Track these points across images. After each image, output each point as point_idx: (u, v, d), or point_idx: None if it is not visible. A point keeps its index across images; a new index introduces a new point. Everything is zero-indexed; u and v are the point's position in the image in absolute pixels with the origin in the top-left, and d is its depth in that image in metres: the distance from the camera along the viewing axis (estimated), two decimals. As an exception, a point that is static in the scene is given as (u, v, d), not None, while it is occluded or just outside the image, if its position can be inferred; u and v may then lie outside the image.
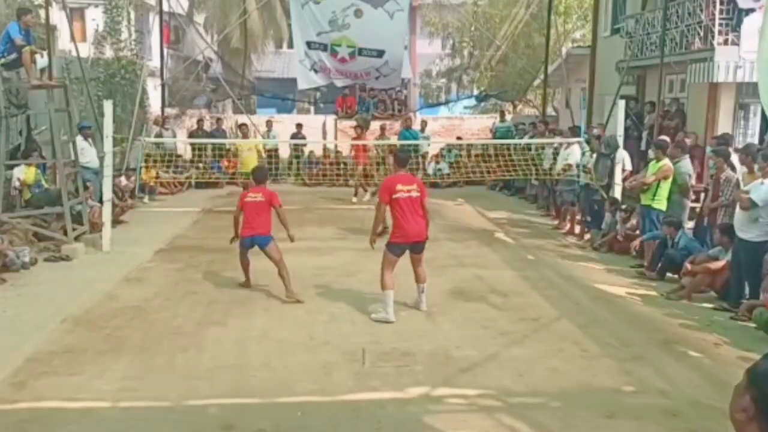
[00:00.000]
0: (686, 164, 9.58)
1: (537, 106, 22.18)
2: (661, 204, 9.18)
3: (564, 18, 22.38)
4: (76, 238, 10.16)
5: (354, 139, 16.28)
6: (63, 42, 19.75)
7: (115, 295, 8.01)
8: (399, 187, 7.12)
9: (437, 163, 17.94)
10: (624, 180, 10.84)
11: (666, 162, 9.16)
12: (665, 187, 9.15)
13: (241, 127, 16.39)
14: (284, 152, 18.38)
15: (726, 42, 11.52)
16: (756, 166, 7.80)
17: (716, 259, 7.99)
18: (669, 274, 8.78)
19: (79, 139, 11.89)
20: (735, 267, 7.63)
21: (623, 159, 10.99)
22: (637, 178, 10.17)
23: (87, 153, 12.16)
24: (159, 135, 16.62)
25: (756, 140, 11.55)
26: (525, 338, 6.68)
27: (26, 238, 9.98)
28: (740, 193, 7.71)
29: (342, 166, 16.31)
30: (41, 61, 10.39)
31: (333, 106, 20.84)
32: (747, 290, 7.55)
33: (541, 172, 12.93)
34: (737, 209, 7.60)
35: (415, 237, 7.13)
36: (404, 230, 7.10)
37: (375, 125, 18.85)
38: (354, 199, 14.88)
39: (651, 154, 10.14)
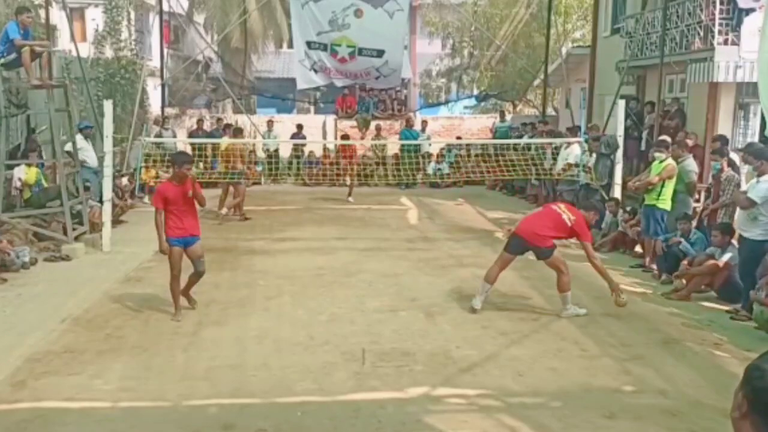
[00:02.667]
0: (691, 163, 9.58)
1: (537, 106, 22.17)
2: (665, 204, 9.17)
3: (564, 18, 22.37)
4: (76, 238, 10.17)
5: (343, 137, 16.33)
6: (63, 42, 19.74)
7: (115, 295, 8.01)
8: (561, 205, 7.59)
9: (438, 163, 17.95)
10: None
11: (670, 162, 9.16)
12: (670, 187, 9.15)
13: (233, 129, 16.21)
14: (284, 152, 18.40)
15: (726, 42, 11.51)
16: (749, 167, 7.80)
17: (713, 258, 8.00)
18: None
19: (79, 138, 11.89)
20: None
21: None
22: (641, 178, 10.16)
23: (87, 153, 12.16)
24: (159, 135, 16.62)
25: (756, 140, 11.54)
26: (525, 338, 6.68)
27: (26, 238, 9.98)
28: (738, 194, 7.71)
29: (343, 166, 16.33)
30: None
31: (333, 106, 20.84)
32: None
33: (542, 171, 12.94)
34: (738, 209, 7.61)
35: (523, 233, 7.26)
36: (518, 225, 7.39)
37: (374, 125, 18.89)
38: (350, 199, 14.89)
39: (652, 155, 10.12)
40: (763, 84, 7.68)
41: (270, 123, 18.66)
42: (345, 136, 17.56)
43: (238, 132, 14.36)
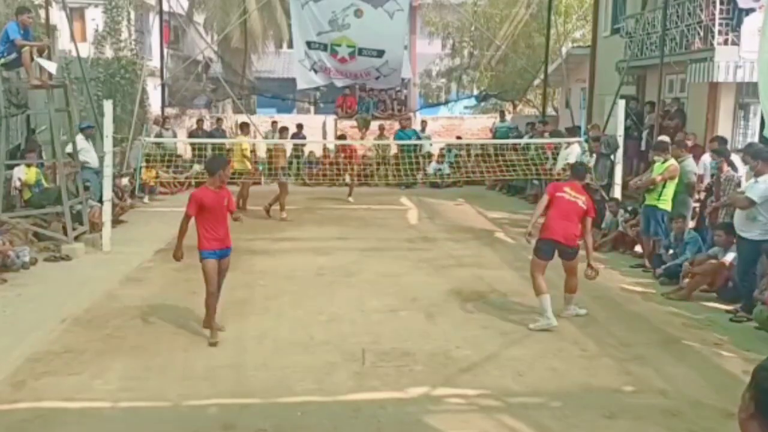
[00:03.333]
0: (691, 163, 9.59)
1: (537, 106, 22.17)
2: (666, 204, 9.18)
3: (564, 18, 22.38)
4: (76, 238, 10.17)
5: (340, 137, 16.35)
6: (63, 42, 19.74)
7: (115, 295, 8.01)
8: (566, 189, 7.19)
9: (438, 163, 17.95)
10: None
11: (672, 162, 9.16)
12: (671, 188, 9.15)
13: (240, 123, 16.26)
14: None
15: (726, 42, 11.52)
16: (746, 167, 7.81)
17: (716, 258, 8.00)
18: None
19: (79, 138, 11.89)
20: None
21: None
22: (642, 178, 10.16)
23: (87, 153, 12.15)
24: (159, 135, 16.61)
25: (756, 140, 11.55)
26: (525, 338, 6.68)
27: (26, 238, 9.98)
28: (736, 194, 7.71)
29: (342, 166, 16.33)
30: (50, 64, 10.36)
31: (333, 106, 20.83)
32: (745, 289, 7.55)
33: (542, 172, 12.93)
34: (737, 209, 7.61)
35: (561, 237, 7.02)
36: (551, 229, 7.08)
37: (374, 125, 18.89)
38: (350, 199, 14.89)
39: (652, 157, 10.13)
40: (763, 84, 7.69)
41: (275, 124, 18.52)
42: (342, 136, 17.51)
43: (244, 126, 14.40)
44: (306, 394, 5.37)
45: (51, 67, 10.34)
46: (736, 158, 9.49)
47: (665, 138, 10.70)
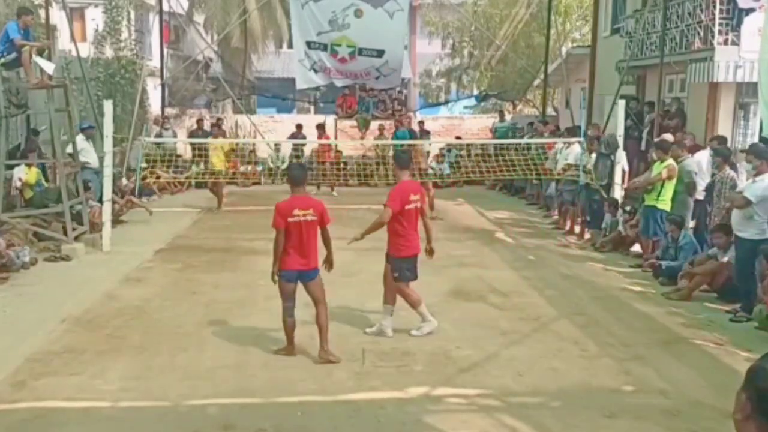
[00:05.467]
0: (691, 163, 9.59)
1: (537, 106, 22.17)
2: (665, 204, 9.17)
3: (564, 18, 22.37)
4: (76, 238, 10.16)
5: (319, 137, 16.48)
6: (63, 42, 19.75)
7: (115, 295, 8.01)
8: (411, 197, 6.77)
9: (438, 163, 17.94)
10: (623, 181, 10.84)
11: (671, 162, 9.16)
12: (670, 188, 9.15)
13: (213, 127, 16.15)
14: (285, 152, 18.36)
15: (726, 42, 11.51)
16: (750, 166, 7.80)
17: (715, 258, 8.00)
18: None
19: (79, 138, 11.88)
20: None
21: (621, 159, 10.99)
22: (640, 178, 10.16)
23: (88, 153, 12.15)
24: (159, 135, 16.61)
25: (756, 140, 11.54)
26: (525, 338, 6.68)
27: (26, 238, 9.98)
28: (733, 193, 7.71)
29: (342, 165, 16.37)
30: (48, 64, 10.35)
31: (333, 106, 20.82)
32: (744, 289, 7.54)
33: (541, 171, 12.92)
34: (734, 209, 7.62)
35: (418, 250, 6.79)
36: (411, 242, 6.82)
37: (374, 125, 18.88)
38: (334, 193, 15.40)
39: (652, 155, 10.13)
40: (764, 85, 7.70)
41: (278, 147, 18.38)
42: (321, 126, 17.26)
43: (216, 126, 14.61)
44: (306, 394, 5.37)
45: (49, 67, 10.33)
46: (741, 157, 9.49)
47: (668, 136, 10.67)
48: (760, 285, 7.06)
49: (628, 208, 10.36)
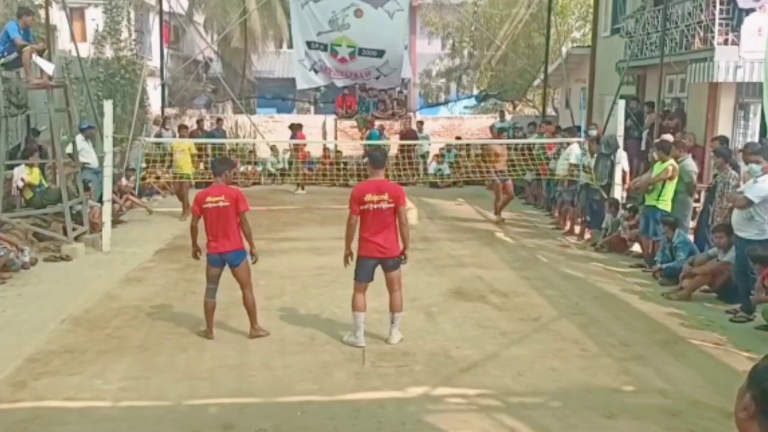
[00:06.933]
0: (690, 163, 9.59)
1: (537, 106, 22.18)
2: (666, 205, 9.17)
3: (564, 17, 22.37)
4: (76, 239, 10.17)
5: (292, 128, 16.70)
6: (63, 42, 19.74)
7: (115, 295, 8.01)
8: (368, 197, 6.19)
9: (438, 163, 17.95)
10: (623, 181, 10.84)
11: (671, 162, 9.16)
12: (670, 188, 9.15)
13: (180, 129, 15.99)
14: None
15: (726, 42, 11.51)
16: (759, 166, 7.78)
17: (716, 258, 8.00)
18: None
19: (79, 139, 11.88)
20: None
21: (621, 160, 10.99)
22: (641, 178, 10.16)
23: (88, 154, 12.15)
24: (159, 135, 16.61)
25: (756, 140, 11.54)
26: (525, 338, 6.68)
27: (26, 238, 9.98)
28: (734, 193, 7.71)
29: (342, 165, 16.35)
30: (48, 64, 10.34)
31: (333, 106, 20.84)
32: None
33: (541, 171, 12.92)
34: (734, 209, 7.63)
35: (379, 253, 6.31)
36: (368, 243, 6.31)
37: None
38: (300, 191, 16.07)
39: (653, 155, 10.12)
40: (766, 85, 7.69)
41: (275, 149, 18.37)
42: (297, 125, 16.99)
43: (182, 128, 14.79)
44: (306, 394, 5.37)
45: (48, 67, 10.33)
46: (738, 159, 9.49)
47: (668, 137, 10.67)
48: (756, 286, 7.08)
49: (629, 206, 10.36)
